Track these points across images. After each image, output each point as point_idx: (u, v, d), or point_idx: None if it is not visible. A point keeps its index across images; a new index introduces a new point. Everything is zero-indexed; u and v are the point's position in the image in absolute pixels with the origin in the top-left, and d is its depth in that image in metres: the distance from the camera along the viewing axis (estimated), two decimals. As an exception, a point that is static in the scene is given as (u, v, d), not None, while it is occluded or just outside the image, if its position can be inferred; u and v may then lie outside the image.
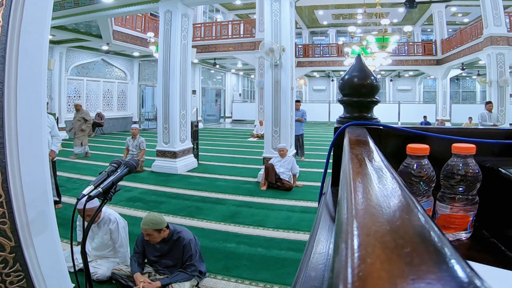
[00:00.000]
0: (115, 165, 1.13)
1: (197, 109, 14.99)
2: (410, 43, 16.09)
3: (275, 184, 5.22)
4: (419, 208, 0.23)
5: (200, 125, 15.64)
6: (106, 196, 1.02)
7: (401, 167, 0.62)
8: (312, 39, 20.90)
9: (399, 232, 0.19)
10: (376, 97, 0.95)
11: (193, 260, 2.52)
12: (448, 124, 14.15)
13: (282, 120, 5.72)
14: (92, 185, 1.01)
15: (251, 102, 19.85)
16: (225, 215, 4.12)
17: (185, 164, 6.62)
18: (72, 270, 2.22)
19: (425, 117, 13.15)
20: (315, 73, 20.61)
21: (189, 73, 6.84)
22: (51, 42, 10.55)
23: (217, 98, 20.64)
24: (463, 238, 0.62)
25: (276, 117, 5.75)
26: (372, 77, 0.92)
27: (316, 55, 17.05)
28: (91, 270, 2.55)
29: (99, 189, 1.01)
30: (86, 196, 1.00)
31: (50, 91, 11.33)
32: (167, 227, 2.54)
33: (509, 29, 10.01)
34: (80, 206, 1.18)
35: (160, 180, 5.87)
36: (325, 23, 18.80)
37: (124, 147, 6.90)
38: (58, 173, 4.69)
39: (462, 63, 13.36)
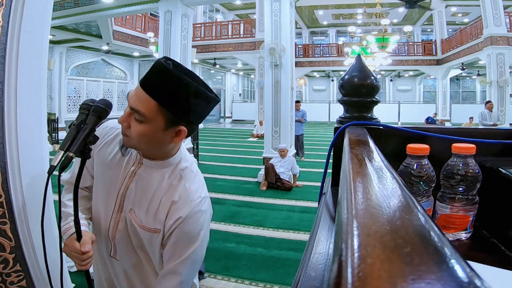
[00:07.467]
0: (85, 111, 0.84)
1: (197, 109, 15.00)
2: (410, 43, 16.08)
3: (275, 184, 5.22)
4: (419, 208, 0.23)
5: (200, 125, 15.62)
6: (83, 156, 0.80)
7: (401, 167, 0.62)
8: (312, 39, 20.89)
9: (399, 232, 0.19)
10: (376, 97, 0.95)
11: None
12: (448, 124, 14.15)
13: (282, 120, 5.72)
14: (60, 150, 0.77)
15: (251, 102, 19.85)
16: (225, 215, 4.12)
17: (185, 164, 6.60)
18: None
19: (435, 114, 13.20)
20: (315, 73, 20.60)
21: (189, 73, 6.83)
22: (51, 42, 10.54)
23: (217, 98, 20.61)
24: (463, 238, 0.62)
25: (276, 117, 5.74)
26: (372, 77, 0.92)
27: (316, 55, 17.04)
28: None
29: (69, 154, 0.76)
30: (58, 166, 0.76)
31: (50, 91, 11.32)
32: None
33: (509, 29, 10.01)
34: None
35: (160, 180, 5.86)
36: (325, 23, 18.79)
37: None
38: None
39: (462, 63, 13.35)
